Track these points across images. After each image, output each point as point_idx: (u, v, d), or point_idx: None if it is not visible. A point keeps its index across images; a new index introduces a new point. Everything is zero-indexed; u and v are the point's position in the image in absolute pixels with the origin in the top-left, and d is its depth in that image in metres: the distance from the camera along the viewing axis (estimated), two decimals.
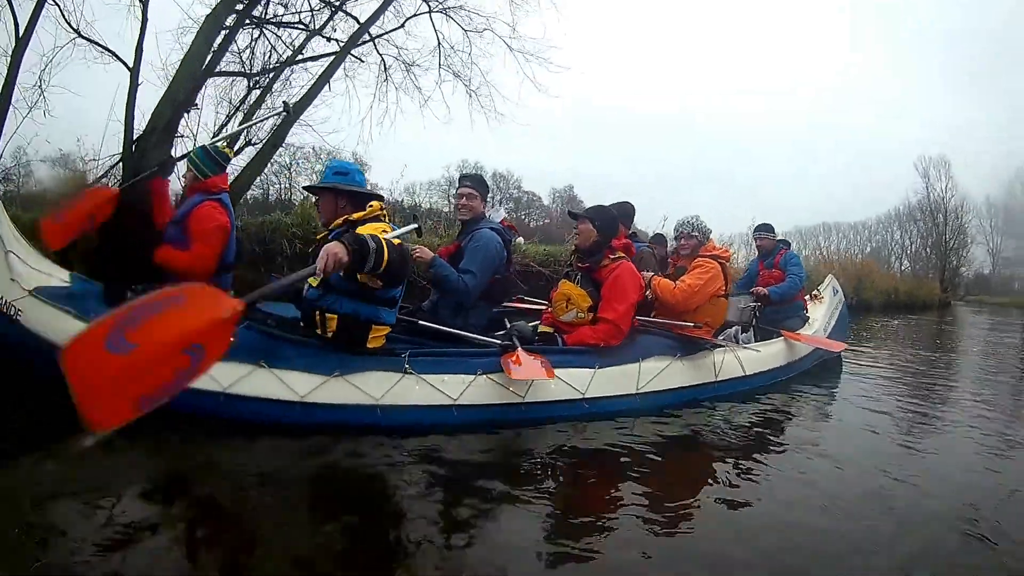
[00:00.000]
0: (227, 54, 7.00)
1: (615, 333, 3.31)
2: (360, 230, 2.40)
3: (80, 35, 6.71)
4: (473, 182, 3.46)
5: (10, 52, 5.90)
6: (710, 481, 2.46)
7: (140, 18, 6.45)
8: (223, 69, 7.19)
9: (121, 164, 6.26)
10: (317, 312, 2.65)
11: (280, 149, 7.70)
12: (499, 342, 3.04)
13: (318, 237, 2.89)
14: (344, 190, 2.78)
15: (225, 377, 2.43)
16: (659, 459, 2.63)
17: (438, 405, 2.68)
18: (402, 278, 2.43)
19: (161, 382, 1.60)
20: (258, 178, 7.36)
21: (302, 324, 2.82)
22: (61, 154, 6.88)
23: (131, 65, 6.38)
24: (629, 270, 3.44)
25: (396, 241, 2.31)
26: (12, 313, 2.56)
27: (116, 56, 6.68)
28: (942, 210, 37.44)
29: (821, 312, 5.77)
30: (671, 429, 3.07)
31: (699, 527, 2.01)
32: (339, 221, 2.72)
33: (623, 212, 4.16)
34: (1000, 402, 4.56)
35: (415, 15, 8.10)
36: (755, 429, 3.28)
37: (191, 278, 2.59)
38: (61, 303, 2.60)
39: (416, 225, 3.02)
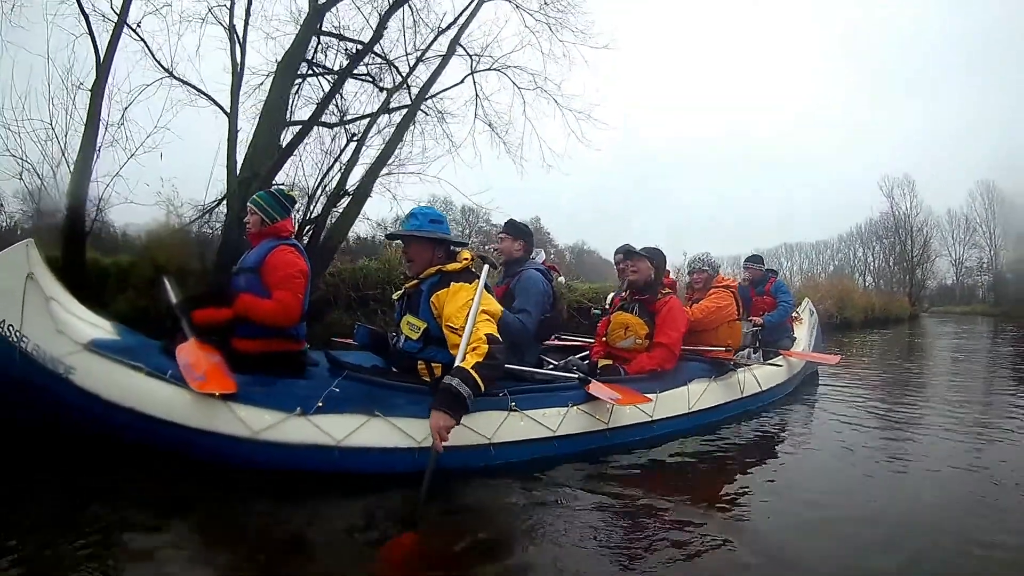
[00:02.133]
0: (320, 105, 7.21)
1: (670, 357, 3.64)
2: (453, 292, 2.54)
3: (172, 75, 6.74)
4: (508, 227, 3.66)
5: (90, 86, 5.84)
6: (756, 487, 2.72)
7: (231, 63, 6.76)
8: (313, 119, 7.23)
9: (226, 205, 6.58)
10: (420, 362, 2.67)
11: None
12: (576, 375, 3.16)
13: (408, 286, 2.78)
14: (440, 239, 2.73)
15: (338, 431, 2.36)
16: (712, 469, 2.98)
17: (541, 438, 2.74)
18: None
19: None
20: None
21: (395, 371, 2.80)
22: (158, 198, 6.66)
23: (227, 109, 6.65)
24: (679, 304, 3.85)
25: (483, 352, 2.35)
26: (62, 372, 2.36)
27: (211, 99, 6.86)
28: (907, 227, 39.15)
29: (804, 332, 6.35)
30: (713, 442, 3.41)
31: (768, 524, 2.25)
32: (432, 271, 2.68)
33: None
34: (984, 400, 5.06)
35: (473, 72, 8.43)
36: (783, 434, 3.75)
37: (275, 326, 2.72)
38: (127, 358, 2.44)
39: (491, 264, 3.02)
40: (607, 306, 4.33)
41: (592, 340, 4.25)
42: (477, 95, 8.58)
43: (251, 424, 2.34)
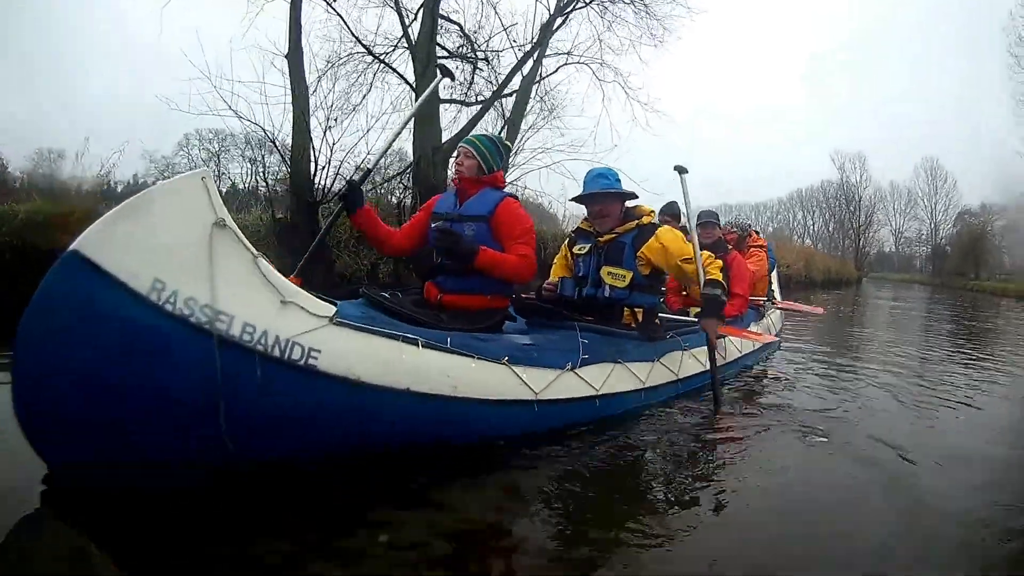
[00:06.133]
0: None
1: (745, 303, 4.23)
2: (665, 237, 2.76)
3: (370, 52, 8.58)
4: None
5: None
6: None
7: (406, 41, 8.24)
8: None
9: (411, 176, 7.99)
10: (627, 308, 2.92)
11: None
12: (692, 319, 3.55)
13: (603, 240, 2.85)
14: (626, 194, 2.89)
15: (597, 380, 2.44)
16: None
17: (698, 373, 3.08)
18: None
19: None
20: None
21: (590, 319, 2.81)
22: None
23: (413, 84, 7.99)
24: (742, 259, 4.48)
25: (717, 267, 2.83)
26: (300, 358, 1.68)
27: (405, 80, 8.43)
28: (856, 198, 41.41)
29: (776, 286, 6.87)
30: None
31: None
32: (631, 225, 2.82)
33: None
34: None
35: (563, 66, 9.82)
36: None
37: (513, 281, 2.59)
38: (382, 328, 1.94)
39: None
40: None
41: None
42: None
43: (534, 385, 2.22)
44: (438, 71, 3.04)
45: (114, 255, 1.49)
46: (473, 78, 9.32)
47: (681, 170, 3.02)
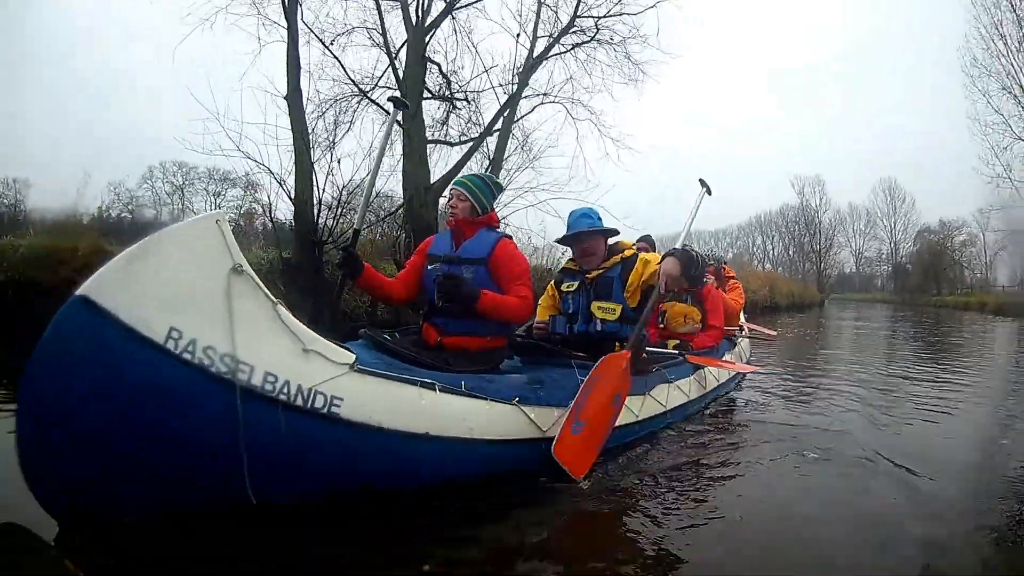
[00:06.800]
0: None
1: (721, 335, 4.57)
2: (645, 262, 2.85)
3: (365, 95, 8.91)
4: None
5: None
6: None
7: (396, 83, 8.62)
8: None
9: (403, 213, 8.45)
10: (616, 341, 2.92)
11: None
12: (674, 352, 3.87)
13: (590, 276, 2.96)
14: (607, 231, 3.03)
15: (635, 407, 2.71)
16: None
17: (682, 404, 3.25)
18: None
19: (603, 432, 2.35)
20: None
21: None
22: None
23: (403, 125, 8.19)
24: (717, 291, 4.79)
25: None
26: (323, 407, 1.70)
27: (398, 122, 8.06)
28: (816, 222, 43.13)
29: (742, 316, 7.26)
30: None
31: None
32: (617, 260, 2.95)
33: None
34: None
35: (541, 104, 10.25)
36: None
37: (511, 322, 2.65)
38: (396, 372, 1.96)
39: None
40: None
41: None
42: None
43: (541, 424, 2.26)
44: (391, 104, 2.99)
45: (127, 301, 1.44)
46: (448, 117, 9.73)
47: (704, 184, 3.22)
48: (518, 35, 9.55)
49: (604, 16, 9.53)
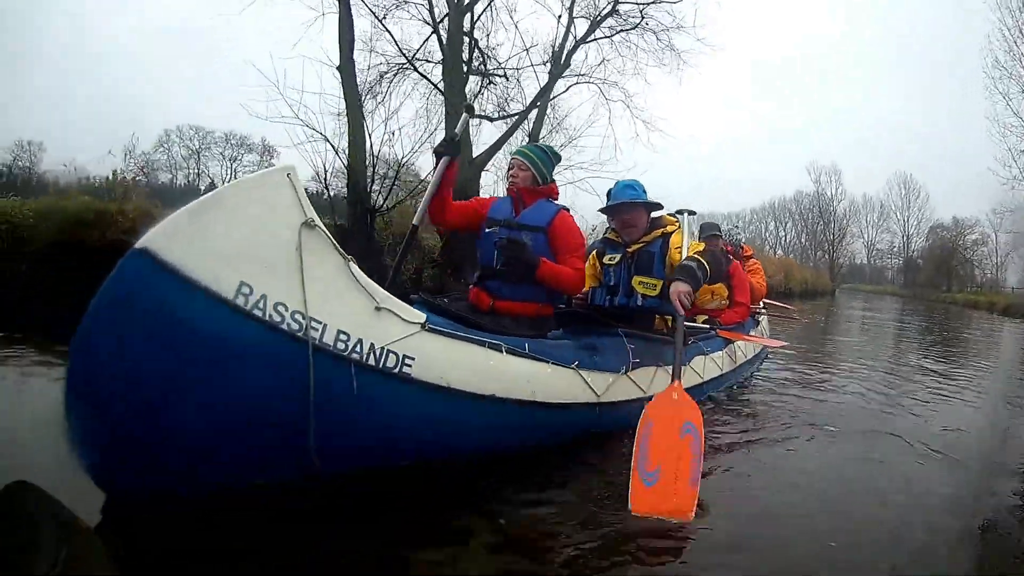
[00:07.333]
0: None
1: (747, 311, 4.77)
2: (674, 242, 2.90)
3: (414, 67, 9.15)
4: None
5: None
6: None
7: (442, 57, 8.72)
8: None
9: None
10: (658, 315, 3.02)
11: None
12: (707, 327, 4.01)
13: (632, 249, 2.95)
14: (652, 204, 2.98)
15: (645, 383, 2.58)
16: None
17: (716, 376, 3.39)
18: None
19: (690, 463, 1.93)
20: None
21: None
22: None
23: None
24: (742, 268, 4.96)
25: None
26: (395, 366, 1.66)
27: (438, 88, 8.97)
28: (831, 211, 42.91)
29: None
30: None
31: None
32: (658, 234, 2.95)
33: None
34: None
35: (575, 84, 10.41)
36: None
37: (564, 292, 2.68)
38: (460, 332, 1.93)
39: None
40: None
41: None
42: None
43: (597, 389, 2.29)
44: (464, 110, 3.06)
45: (191, 256, 1.35)
46: (481, 92, 9.87)
47: (689, 213, 3.23)
48: (559, 16, 9.67)
49: (646, 3, 9.63)
